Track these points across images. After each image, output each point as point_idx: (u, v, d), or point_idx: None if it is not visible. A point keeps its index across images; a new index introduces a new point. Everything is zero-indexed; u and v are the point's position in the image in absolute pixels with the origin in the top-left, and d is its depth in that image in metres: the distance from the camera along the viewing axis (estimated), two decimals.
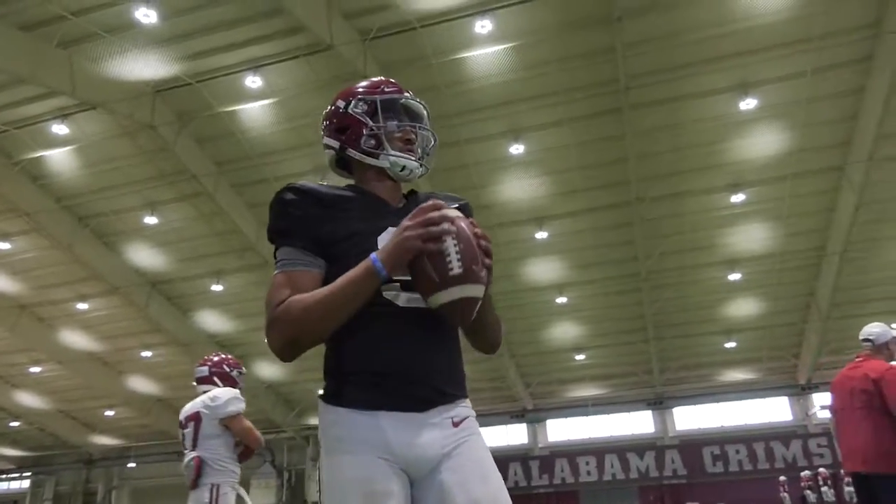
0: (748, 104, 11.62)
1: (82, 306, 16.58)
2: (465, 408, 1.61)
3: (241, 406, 4.02)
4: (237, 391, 4.12)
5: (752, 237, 14.48)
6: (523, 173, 13.34)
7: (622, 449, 19.82)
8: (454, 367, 1.64)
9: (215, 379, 4.17)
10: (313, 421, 21.40)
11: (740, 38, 10.79)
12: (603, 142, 12.66)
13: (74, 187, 13.76)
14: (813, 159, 12.74)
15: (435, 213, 1.47)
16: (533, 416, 20.47)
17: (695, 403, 19.69)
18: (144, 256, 15.37)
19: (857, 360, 4.31)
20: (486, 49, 11.00)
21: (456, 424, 1.58)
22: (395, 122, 1.76)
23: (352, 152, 1.76)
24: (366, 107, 1.78)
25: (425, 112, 1.85)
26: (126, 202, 13.99)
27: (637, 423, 20.56)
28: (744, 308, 16.52)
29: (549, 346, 18.15)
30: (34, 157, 12.87)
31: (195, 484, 3.92)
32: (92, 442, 23.07)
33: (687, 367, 18.74)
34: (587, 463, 19.76)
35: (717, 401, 19.80)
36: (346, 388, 1.57)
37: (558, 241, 14.82)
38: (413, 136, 1.78)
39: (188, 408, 4.06)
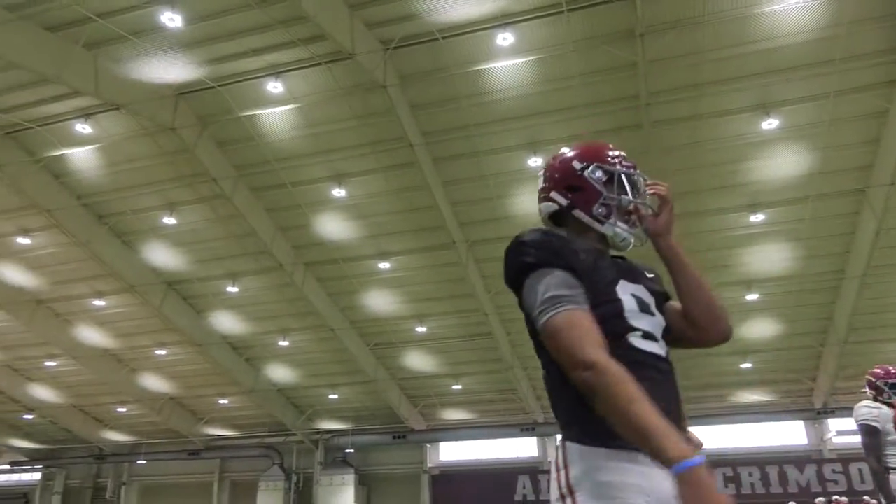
0: (770, 124, 11.50)
1: (98, 303, 16.75)
2: None
3: None
4: None
5: (769, 258, 14.31)
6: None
7: None
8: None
9: None
10: (322, 425, 21.42)
11: (763, 58, 10.70)
12: None
13: (95, 186, 13.93)
14: (834, 182, 12.57)
15: None
16: (543, 429, 20.32)
17: (708, 424, 19.39)
18: (161, 256, 15.50)
19: None
20: (507, 61, 11.00)
21: None
22: (629, 199, 1.89)
23: (580, 213, 1.90)
24: (604, 176, 1.91)
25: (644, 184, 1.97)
26: (145, 202, 14.14)
27: None
28: (760, 329, 16.30)
29: None
30: (57, 155, 13.06)
31: None
32: (103, 437, 23.26)
33: (700, 386, 18.51)
34: None
35: (731, 422, 19.51)
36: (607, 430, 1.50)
37: None
38: (637, 211, 1.91)
39: None
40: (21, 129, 12.30)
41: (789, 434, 19.60)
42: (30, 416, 22.60)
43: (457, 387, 18.97)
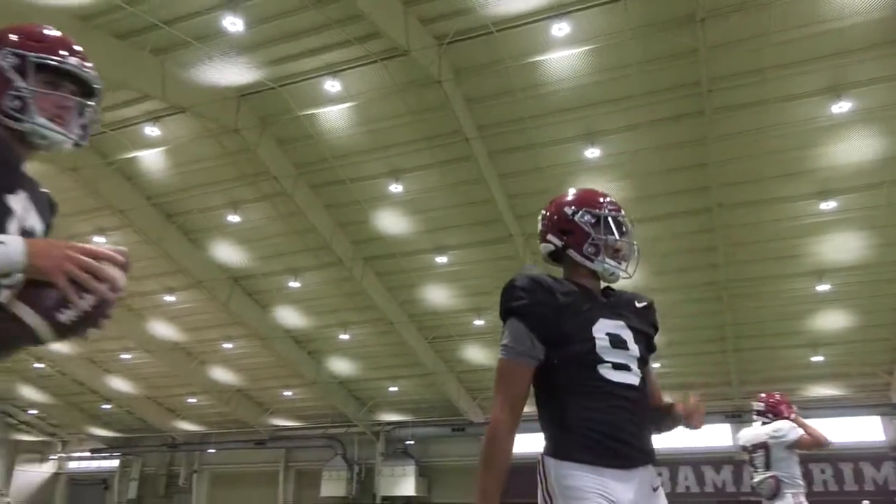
0: (840, 107, 10.98)
1: (169, 298, 17.46)
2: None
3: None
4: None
5: (842, 247, 13.69)
6: (599, 177, 13.09)
7: (697, 462, 19.17)
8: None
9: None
10: (383, 417, 21.77)
11: (831, 39, 10.22)
12: (683, 146, 12.27)
13: (164, 186, 14.50)
14: None
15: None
16: None
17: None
18: (227, 252, 16.03)
19: None
20: (562, 52, 10.87)
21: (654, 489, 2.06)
22: (615, 238, 2.24)
23: (573, 253, 2.25)
24: (592, 219, 2.24)
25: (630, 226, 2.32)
26: (211, 201, 14.64)
27: (714, 436, 19.80)
28: (832, 321, 15.64)
29: None
30: (128, 158, 13.65)
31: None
32: (175, 427, 24.28)
33: (769, 380, 17.90)
34: (660, 474, 19.09)
35: (802, 416, 18.80)
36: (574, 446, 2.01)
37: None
38: (622, 248, 2.24)
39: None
40: (95, 133, 12.87)
41: (864, 430, 18.75)
42: (108, 406, 23.79)
43: None
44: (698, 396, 2.16)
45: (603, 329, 2.08)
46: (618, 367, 2.04)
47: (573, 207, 2.27)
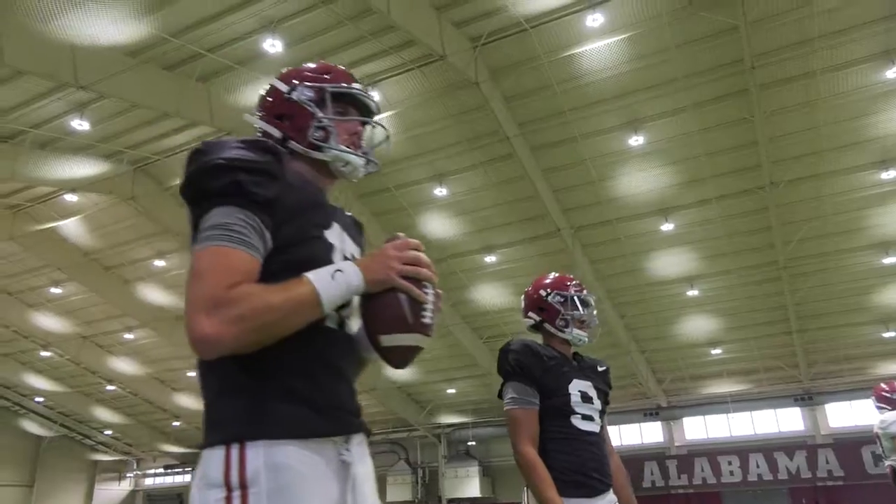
0: None
1: None
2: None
3: None
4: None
5: None
6: (644, 164, 12.92)
7: (769, 448, 18.65)
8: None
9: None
10: (443, 420, 21.88)
11: (881, 2, 9.84)
12: (730, 126, 12.00)
13: None
14: None
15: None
16: (668, 413, 19.75)
17: (850, 399, 18.12)
18: None
19: None
20: (598, 42, 10.76)
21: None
22: (580, 313, 2.85)
23: (548, 327, 2.85)
24: (562, 299, 2.87)
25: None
26: None
27: (784, 421, 19.26)
28: None
29: (681, 340, 17.44)
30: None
31: None
32: None
33: (838, 359, 17.33)
34: (730, 462, 18.77)
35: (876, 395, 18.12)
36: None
37: (686, 233, 14.21)
38: (586, 320, 2.90)
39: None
40: (149, 162, 13.39)
41: None
42: (177, 423, 24.59)
43: None
44: None
45: (576, 387, 2.67)
46: (585, 417, 2.65)
47: (546, 290, 2.84)
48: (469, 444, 21.90)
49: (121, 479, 29.18)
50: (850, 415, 18.58)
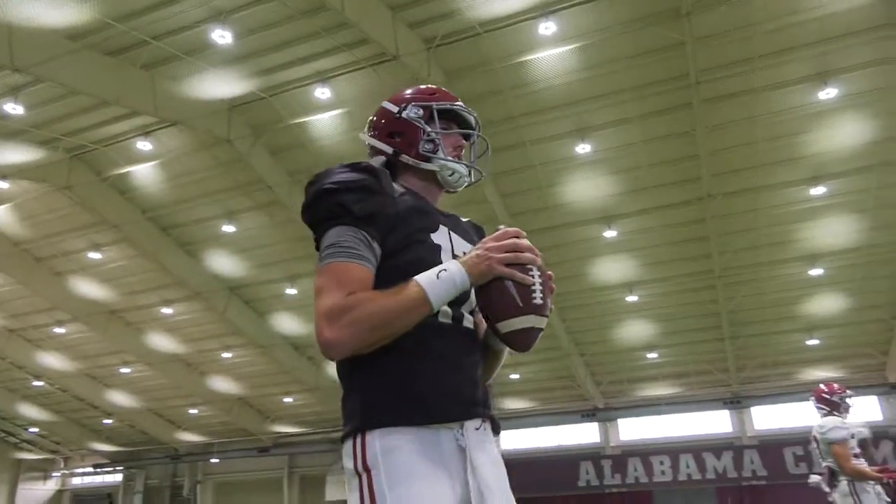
0: (828, 94, 11.12)
1: (167, 311, 17.45)
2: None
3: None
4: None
5: (834, 231, 13.86)
6: (590, 172, 13.20)
7: (698, 449, 19.33)
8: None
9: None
10: None
11: (818, 26, 10.34)
12: (673, 138, 12.38)
13: (158, 199, 14.49)
14: None
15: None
16: (604, 414, 20.23)
17: (775, 403, 18.97)
18: (223, 262, 16.03)
19: None
20: (550, 51, 10.94)
21: None
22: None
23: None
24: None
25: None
26: (205, 212, 14.63)
27: (713, 423, 20.00)
28: (826, 304, 15.83)
29: (619, 344, 17.89)
30: (121, 173, 13.63)
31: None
32: (178, 438, 24.25)
33: (766, 365, 18.11)
34: (661, 462, 19.37)
35: (799, 400, 18.94)
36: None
37: (628, 240, 14.59)
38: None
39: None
40: (87, 150, 12.89)
41: (863, 410, 18.94)
42: (109, 421, 23.74)
43: (514, 376, 19.04)
44: None
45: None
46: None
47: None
48: None
49: (46, 478, 27.95)
50: (774, 417, 19.45)
